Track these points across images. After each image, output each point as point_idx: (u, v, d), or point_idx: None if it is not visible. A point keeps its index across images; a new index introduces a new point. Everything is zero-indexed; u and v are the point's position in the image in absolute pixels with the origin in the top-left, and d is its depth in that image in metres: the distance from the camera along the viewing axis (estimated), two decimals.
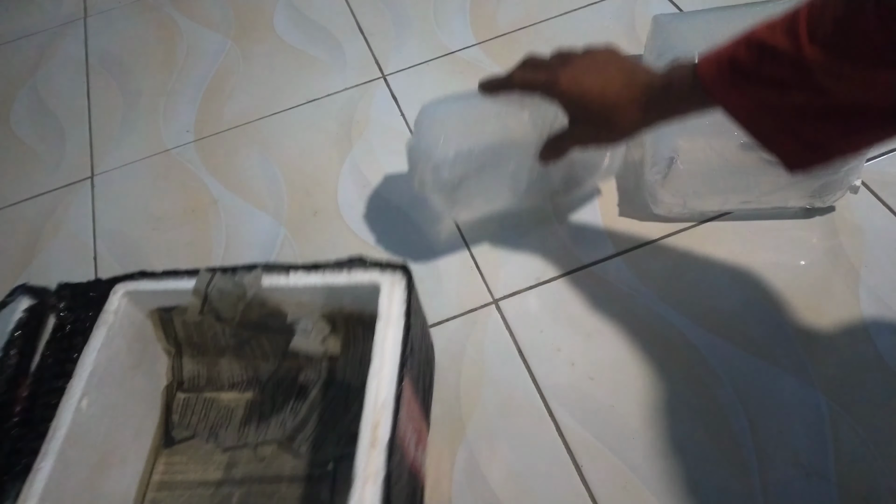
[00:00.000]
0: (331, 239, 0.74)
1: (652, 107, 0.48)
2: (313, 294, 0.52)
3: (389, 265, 0.51)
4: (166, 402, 0.60)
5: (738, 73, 0.42)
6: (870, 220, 0.66)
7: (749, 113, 0.42)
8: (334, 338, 0.56)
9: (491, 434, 0.58)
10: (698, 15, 0.74)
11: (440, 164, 0.59)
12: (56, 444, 0.46)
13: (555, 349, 0.62)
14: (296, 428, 0.57)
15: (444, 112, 0.62)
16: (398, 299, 0.49)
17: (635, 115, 0.49)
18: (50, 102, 0.95)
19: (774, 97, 0.40)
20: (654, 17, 0.76)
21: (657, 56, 0.72)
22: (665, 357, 0.60)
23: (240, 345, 0.58)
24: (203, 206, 0.79)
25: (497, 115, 0.60)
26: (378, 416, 0.44)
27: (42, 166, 0.87)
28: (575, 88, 0.50)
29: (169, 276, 0.54)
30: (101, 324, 0.52)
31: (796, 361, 0.59)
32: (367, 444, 0.43)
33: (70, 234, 0.79)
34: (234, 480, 0.56)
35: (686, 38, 0.70)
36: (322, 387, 0.59)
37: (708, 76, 0.43)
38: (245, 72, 0.93)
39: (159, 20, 1.04)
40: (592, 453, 0.56)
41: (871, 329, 0.60)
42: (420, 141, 0.61)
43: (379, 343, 0.47)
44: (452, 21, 0.94)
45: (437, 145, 0.59)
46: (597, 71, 0.51)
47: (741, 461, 0.54)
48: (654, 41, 0.74)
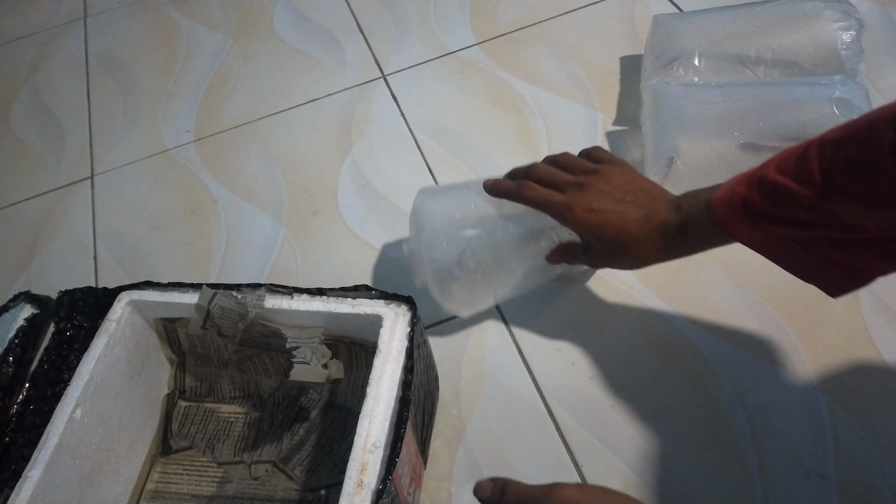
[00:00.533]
0: (331, 239, 0.74)
1: (671, 246, 0.47)
2: (316, 318, 0.51)
3: (395, 297, 0.50)
4: (167, 410, 0.60)
5: (756, 215, 0.41)
6: None
7: (777, 249, 0.41)
8: (336, 362, 0.55)
9: (491, 434, 0.58)
10: (698, 15, 0.74)
11: (444, 275, 0.55)
12: (46, 454, 0.46)
13: (555, 349, 0.62)
14: (292, 449, 0.57)
15: (442, 211, 0.56)
16: (400, 334, 0.48)
17: (654, 252, 0.48)
18: (50, 102, 0.95)
19: (799, 234, 0.39)
20: (654, 16, 0.76)
21: (657, 55, 0.72)
22: (665, 357, 0.60)
23: (242, 360, 0.58)
24: (203, 206, 0.79)
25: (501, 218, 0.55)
26: (366, 458, 0.43)
27: (42, 166, 0.87)
28: (592, 219, 0.48)
29: (173, 287, 0.53)
30: (102, 332, 0.52)
31: (796, 361, 0.58)
32: (353, 485, 0.42)
33: (70, 234, 0.79)
34: (226, 496, 0.56)
35: (686, 38, 0.70)
36: (322, 409, 0.59)
37: (725, 219, 0.42)
38: (245, 72, 0.93)
39: (159, 20, 1.04)
40: (592, 453, 0.56)
41: (872, 329, 0.59)
42: (420, 247, 0.56)
43: (375, 380, 0.46)
44: (452, 21, 0.94)
45: (439, 252, 0.54)
46: (613, 200, 0.49)
47: (741, 461, 0.54)
48: (654, 41, 0.74)
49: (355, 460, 0.43)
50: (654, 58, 0.72)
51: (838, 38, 0.65)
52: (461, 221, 0.55)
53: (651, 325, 0.62)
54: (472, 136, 0.80)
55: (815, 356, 0.59)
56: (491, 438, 0.58)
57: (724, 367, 0.59)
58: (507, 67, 0.87)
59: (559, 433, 0.57)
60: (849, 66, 0.65)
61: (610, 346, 0.61)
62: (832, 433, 0.54)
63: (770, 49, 0.66)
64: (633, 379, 0.59)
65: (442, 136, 0.81)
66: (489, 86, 0.85)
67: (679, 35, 0.71)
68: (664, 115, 0.66)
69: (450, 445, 0.57)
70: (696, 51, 0.68)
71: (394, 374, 0.46)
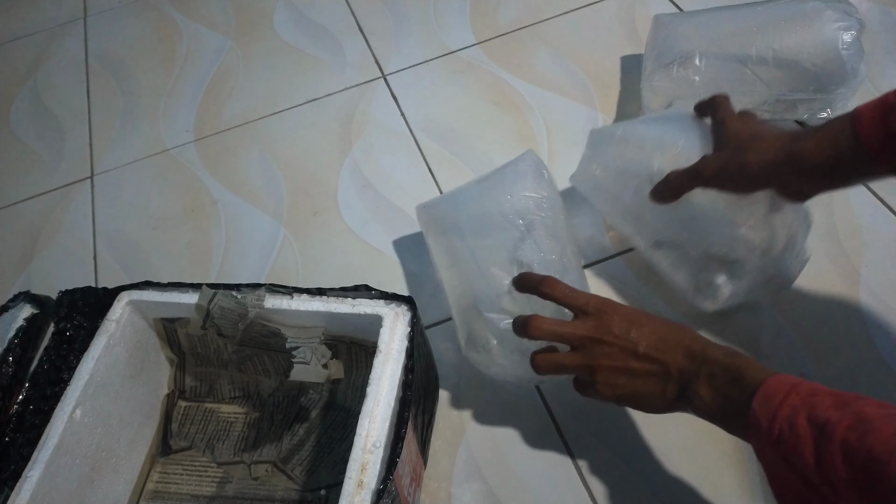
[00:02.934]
0: (331, 239, 0.74)
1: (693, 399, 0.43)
2: (315, 318, 0.51)
3: (395, 297, 0.50)
4: (167, 410, 0.60)
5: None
6: (870, 220, 0.66)
7: (772, 468, 0.38)
8: (336, 362, 0.55)
9: (491, 434, 0.58)
10: (699, 15, 0.74)
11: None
12: (46, 454, 0.46)
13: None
14: (292, 449, 0.57)
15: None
16: (400, 334, 0.48)
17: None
18: (50, 102, 0.95)
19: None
20: (654, 16, 0.76)
21: (658, 55, 0.72)
22: None
23: (242, 360, 0.58)
24: (203, 206, 0.79)
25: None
26: (366, 458, 0.43)
27: (42, 166, 0.87)
28: (609, 393, 0.46)
29: (173, 287, 0.53)
30: (102, 332, 0.52)
31: (796, 361, 0.58)
32: (353, 485, 0.42)
33: (70, 233, 0.79)
34: (225, 496, 0.56)
35: (687, 38, 0.70)
36: (322, 409, 0.58)
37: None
38: (245, 72, 0.93)
39: (159, 20, 1.04)
40: (592, 453, 0.56)
41: (871, 329, 0.59)
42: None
43: (375, 380, 0.46)
44: (452, 20, 0.94)
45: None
46: (629, 376, 0.45)
47: (741, 461, 0.54)
48: (654, 41, 0.74)
49: (355, 460, 0.43)
50: (655, 58, 0.72)
51: (839, 38, 0.65)
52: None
53: None
54: (472, 136, 0.80)
55: (815, 356, 0.59)
56: (491, 438, 0.58)
57: None
58: (507, 67, 0.87)
59: (559, 433, 0.57)
60: (850, 67, 0.65)
61: None
62: None
63: (771, 49, 0.66)
64: None
65: (442, 136, 0.81)
66: (489, 86, 0.85)
67: (679, 35, 0.71)
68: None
69: (450, 445, 0.57)
70: (697, 51, 0.68)
71: (394, 374, 0.46)
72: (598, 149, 0.62)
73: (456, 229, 0.58)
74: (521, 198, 0.57)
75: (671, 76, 0.70)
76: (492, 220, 0.56)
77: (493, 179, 0.60)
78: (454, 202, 0.61)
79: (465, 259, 0.56)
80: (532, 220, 0.56)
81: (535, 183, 0.58)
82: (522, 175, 0.59)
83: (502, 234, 0.55)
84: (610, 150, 0.61)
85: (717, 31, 0.70)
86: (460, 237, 0.57)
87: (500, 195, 0.57)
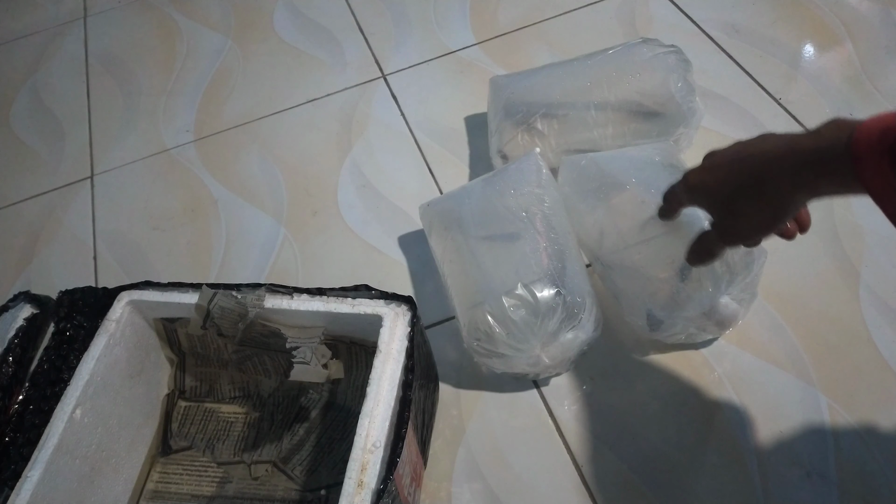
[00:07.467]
0: (331, 239, 0.74)
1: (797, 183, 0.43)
2: (315, 318, 0.51)
3: (395, 297, 0.50)
4: (167, 410, 0.60)
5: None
6: (870, 220, 0.66)
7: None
8: (336, 362, 0.55)
9: (491, 434, 0.58)
10: (532, 75, 0.72)
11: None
12: (46, 454, 0.46)
13: None
14: (292, 449, 0.57)
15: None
16: (400, 334, 0.48)
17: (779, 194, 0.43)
18: (50, 102, 0.95)
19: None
20: (490, 79, 0.74)
21: (501, 119, 0.70)
22: (665, 357, 0.60)
23: (242, 360, 0.58)
24: (203, 206, 0.79)
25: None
26: (366, 458, 0.43)
27: (42, 166, 0.87)
28: (707, 177, 0.46)
29: (173, 287, 0.53)
30: (102, 332, 0.52)
31: (797, 361, 0.58)
32: (353, 485, 0.42)
33: (70, 233, 0.79)
34: (225, 496, 0.56)
35: (525, 101, 0.69)
36: (322, 409, 0.58)
37: (866, 153, 0.38)
38: (245, 72, 0.93)
39: (159, 20, 1.04)
40: (592, 453, 0.56)
41: (872, 329, 0.59)
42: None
43: (375, 380, 0.46)
44: (452, 21, 0.94)
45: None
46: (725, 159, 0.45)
47: (741, 461, 0.54)
48: (495, 105, 0.72)
49: (355, 460, 0.43)
50: (497, 122, 0.70)
51: (670, 81, 0.66)
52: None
53: None
54: (472, 136, 0.80)
55: (815, 356, 0.59)
56: (491, 438, 0.58)
57: (724, 367, 0.59)
58: (507, 67, 0.87)
59: (559, 433, 0.57)
60: (686, 108, 0.66)
61: (610, 347, 0.61)
62: (832, 433, 0.54)
63: (608, 103, 0.66)
64: (633, 379, 0.59)
65: (442, 136, 0.81)
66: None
67: (518, 98, 0.69)
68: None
69: (450, 445, 0.57)
70: (538, 114, 0.68)
71: (394, 374, 0.46)
72: (567, 174, 0.64)
73: (461, 223, 0.59)
74: (524, 193, 0.59)
75: (518, 141, 0.69)
76: (496, 214, 0.58)
77: (497, 177, 0.62)
78: (459, 199, 0.62)
79: (469, 250, 0.57)
80: (534, 213, 0.57)
81: (538, 180, 0.60)
82: (525, 173, 0.61)
83: (506, 227, 0.57)
84: (574, 176, 0.63)
85: (553, 91, 0.68)
86: (465, 230, 0.59)
87: (504, 191, 0.60)
